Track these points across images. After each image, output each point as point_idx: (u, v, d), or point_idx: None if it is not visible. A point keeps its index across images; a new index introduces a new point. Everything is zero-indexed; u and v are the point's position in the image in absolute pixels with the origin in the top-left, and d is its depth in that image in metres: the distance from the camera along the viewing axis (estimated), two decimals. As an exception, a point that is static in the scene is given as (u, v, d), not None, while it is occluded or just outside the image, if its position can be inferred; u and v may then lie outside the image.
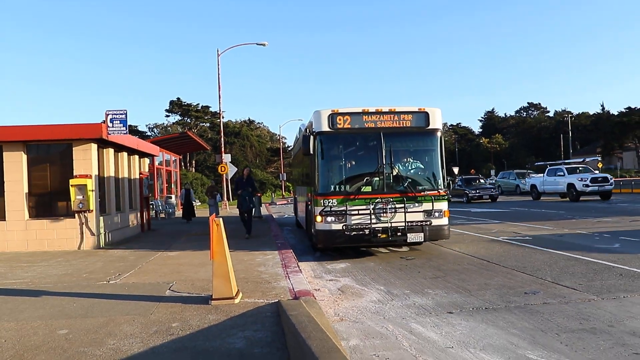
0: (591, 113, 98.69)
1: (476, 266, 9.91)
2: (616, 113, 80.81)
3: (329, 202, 10.92)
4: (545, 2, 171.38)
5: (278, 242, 13.99)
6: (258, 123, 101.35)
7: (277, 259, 10.90)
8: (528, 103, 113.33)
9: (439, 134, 11.71)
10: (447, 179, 11.85)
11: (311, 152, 11.27)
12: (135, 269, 10.24)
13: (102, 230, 14.57)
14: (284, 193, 67.76)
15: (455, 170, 11.84)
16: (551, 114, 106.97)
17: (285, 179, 65.01)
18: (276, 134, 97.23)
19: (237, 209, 16.15)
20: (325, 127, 11.21)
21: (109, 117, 14.23)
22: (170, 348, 5.31)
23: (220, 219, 7.10)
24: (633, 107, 74.44)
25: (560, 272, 9.08)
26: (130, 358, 5.05)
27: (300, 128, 17.65)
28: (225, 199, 37.24)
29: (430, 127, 11.53)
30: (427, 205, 11.11)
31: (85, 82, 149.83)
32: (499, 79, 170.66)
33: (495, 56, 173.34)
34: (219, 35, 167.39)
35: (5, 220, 13.88)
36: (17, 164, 13.87)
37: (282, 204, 48.07)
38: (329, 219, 10.93)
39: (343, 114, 11.24)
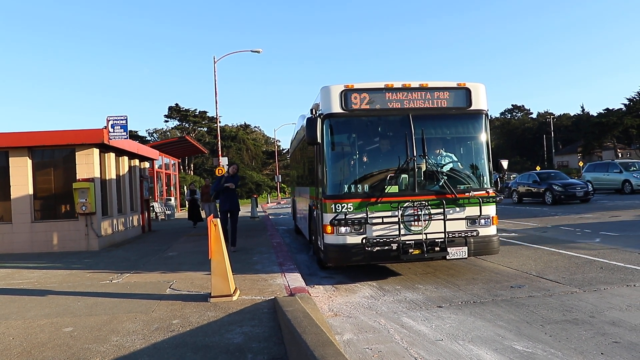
0: (572, 114, 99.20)
1: (464, 262, 9.92)
2: (595, 114, 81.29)
3: (342, 208, 8.18)
4: (527, 3, 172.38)
5: (274, 241, 13.97)
6: (254, 127, 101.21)
7: (273, 257, 10.89)
8: (512, 105, 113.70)
9: (484, 117, 8.86)
10: (494, 176, 9.11)
11: (318, 140, 8.46)
12: (137, 269, 10.20)
13: (104, 232, 14.52)
14: (279, 194, 67.86)
15: (505, 164, 9.38)
16: (534, 116, 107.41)
17: (280, 180, 65.07)
18: (271, 138, 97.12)
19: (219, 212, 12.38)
20: (336, 108, 8.42)
21: (110, 122, 14.21)
22: (171, 344, 5.30)
23: (218, 219, 7.11)
24: (611, 108, 74.94)
25: (544, 266, 9.13)
26: (132, 354, 5.03)
27: (300, 118, 14.44)
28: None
29: (473, 107, 8.73)
30: (472, 210, 8.40)
31: (88, 85, 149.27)
32: (484, 82, 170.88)
33: (480, 59, 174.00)
34: (216, 39, 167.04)
35: (11, 222, 13.85)
36: (22, 168, 13.82)
37: (278, 205, 48.04)
38: (342, 229, 8.17)
39: (360, 91, 8.48)
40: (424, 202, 8.23)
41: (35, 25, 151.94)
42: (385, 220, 8.15)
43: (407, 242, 8.09)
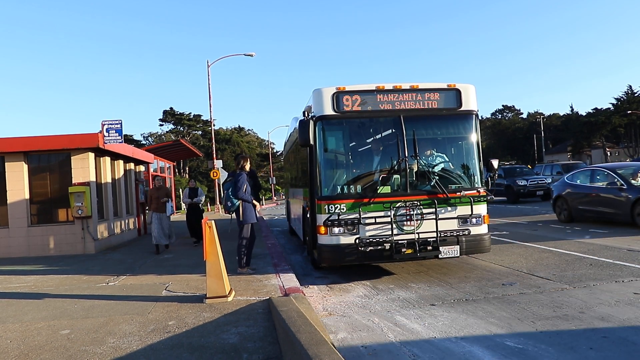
0: (561, 114, 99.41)
1: (457, 260, 9.94)
2: (584, 114, 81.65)
3: (335, 208, 8.17)
4: (518, 7, 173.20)
5: (268, 242, 13.96)
6: (248, 130, 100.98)
7: (268, 258, 10.89)
8: (503, 106, 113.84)
9: (474, 117, 8.84)
10: (485, 175, 9.03)
11: (311, 142, 8.47)
12: (133, 271, 10.18)
13: (100, 235, 14.47)
14: (274, 196, 67.89)
15: (495, 163, 9.31)
16: (524, 116, 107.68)
17: (274, 182, 65.10)
18: (265, 140, 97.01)
19: (240, 223, 9.43)
20: (328, 110, 8.41)
21: (105, 127, 14.18)
22: (167, 345, 5.29)
23: (213, 221, 7.10)
24: (599, 107, 75.38)
25: (535, 263, 9.17)
26: (129, 355, 5.02)
27: (293, 121, 14.20)
28: (218, 202, 37.33)
29: (463, 108, 8.72)
30: (463, 209, 8.38)
31: (83, 90, 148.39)
32: (475, 83, 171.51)
33: (471, 62, 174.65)
34: (210, 43, 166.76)
35: (8, 227, 13.78)
36: (18, 173, 13.77)
37: (271, 207, 48.03)
38: (335, 230, 8.15)
39: (351, 93, 8.47)
40: (416, 202, 8.20)
41: (29, 31, 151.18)
42: (377, 220, 8.13)
43: (399, 242, 8.06)
